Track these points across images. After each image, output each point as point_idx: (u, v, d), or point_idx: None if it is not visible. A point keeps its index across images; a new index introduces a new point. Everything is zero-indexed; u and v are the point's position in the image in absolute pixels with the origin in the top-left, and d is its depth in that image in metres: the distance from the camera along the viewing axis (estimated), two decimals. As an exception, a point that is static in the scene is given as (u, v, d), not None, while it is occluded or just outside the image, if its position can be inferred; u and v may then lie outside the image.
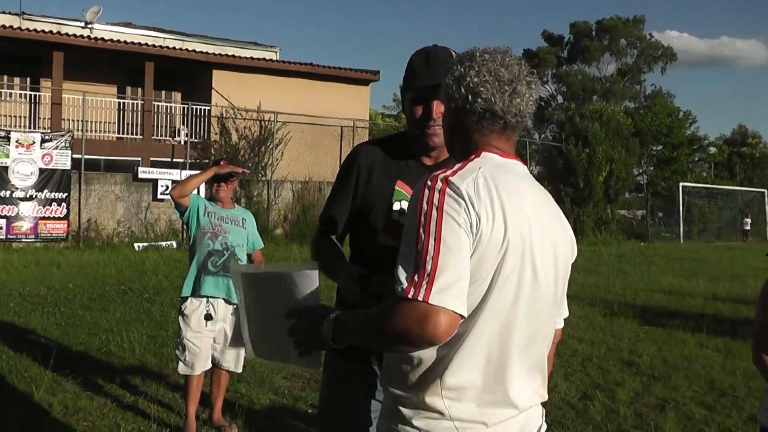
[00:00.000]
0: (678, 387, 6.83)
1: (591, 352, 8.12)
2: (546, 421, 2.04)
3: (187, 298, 5.17)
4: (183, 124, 24.46)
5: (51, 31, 23.09)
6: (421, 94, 2.47)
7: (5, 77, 23.94)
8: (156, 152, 23.40)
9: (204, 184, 5.56)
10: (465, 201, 1.69)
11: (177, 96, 26.40)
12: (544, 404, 2.02)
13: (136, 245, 18.58)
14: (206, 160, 21.78)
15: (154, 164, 22.31)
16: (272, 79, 25.48)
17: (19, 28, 23.03)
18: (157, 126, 24.66)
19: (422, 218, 1.69)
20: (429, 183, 1.74)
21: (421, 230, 1.67)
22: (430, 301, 1.60)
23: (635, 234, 33.80)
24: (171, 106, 25.61)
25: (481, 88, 1.84)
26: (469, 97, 1.85)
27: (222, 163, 5.34)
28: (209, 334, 5.17)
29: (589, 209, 30.67)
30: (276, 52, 31.10)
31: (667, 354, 8.20)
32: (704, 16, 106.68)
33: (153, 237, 19.61)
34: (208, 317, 5.13)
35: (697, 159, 52.51)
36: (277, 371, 6.82)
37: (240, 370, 5.47)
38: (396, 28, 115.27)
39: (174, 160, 22.85)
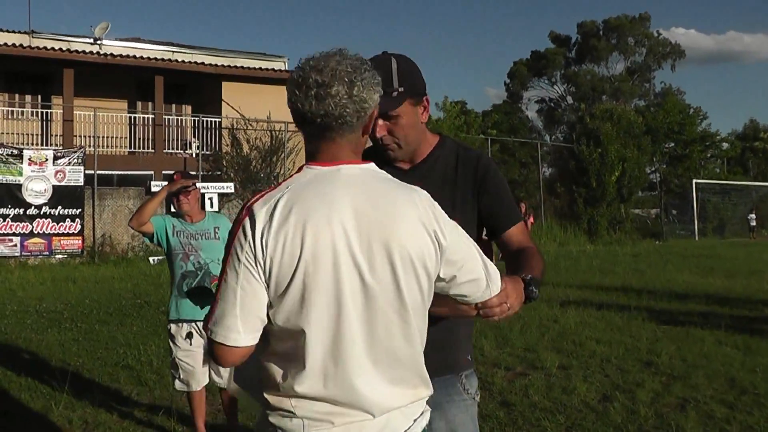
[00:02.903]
0: (698, 386, 6.77)
1: (609, 353, 8.07)
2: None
3: (171, 321, 5.15)
4: (194, 136, 24.57)
5: (60, 49, 23.26)
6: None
7: (17, 96, 24.14)
8: (168, 165, 23.48)
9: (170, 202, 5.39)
10: (254, 229, 1.78)
11: (187, 109, 26.53)
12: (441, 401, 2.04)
13: (151, 259, 18.64)
14: (218, 172, 21.84)
15: (167, 178, 22.33)
16: (281, 89, 25.16)
17: (29, 46, 23.20)
18: (169, 139, 24.78)
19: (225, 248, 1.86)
20: (240, 212, 1.85)
21: (222, 263, 1.86)
22: (210, 336, 1.82)
23: (650, 233, 33.67)
24: (182, 119, 25.72)
25: (292, 96, 1.87)
26: (291, 108, 1.90)
27: (175, 176, 5.19)
28: (199, 349, 5.10)
29: (603, 209, 30.56)
30: (285, 62, 31.17)
31: (686, 353, 8.13)
32: (710, 12, 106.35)
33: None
34: (189, 336, 5.07)
35: (709, 155, 52.14)
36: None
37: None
38: (403, 34, 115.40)
39: (186, 172, 22.90)
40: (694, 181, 37.16)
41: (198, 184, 5.43)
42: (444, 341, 2.46)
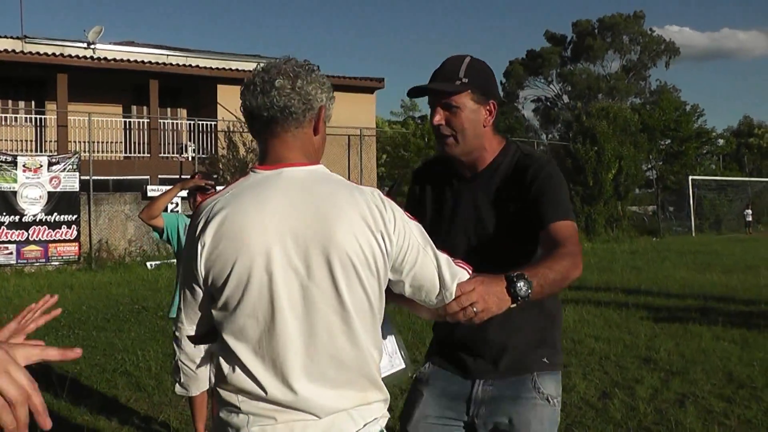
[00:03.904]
0: (696, 381, 6.78)
1: (608, 350, 8.08)
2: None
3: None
4: (190, 140, 24.53)
5: (54, 54, 23.21)
6: (428, 101, 2.51)
7: (10, 102, 24.10)
8: (164, 170, 23.47)
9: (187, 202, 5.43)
10: (196, 229, 1.89)
11: (183, 112, 26.50)
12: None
13: (148, 264, 18.63)
14: (215, 175, 21.81)
15: (163, 182, 22.37)
16: (277, 92, 25.47)
17: (22, 51, 23.14)
18: (164, 143, 24.74)
19: None
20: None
21: None
22: (174, 328, 2.10)
23: (647, 230, 33.70)
24: (177, 123, 25.69)
25: (242, 96, 1.96)
26: (241, 107, 1.96)
27: (197, 176, 5.26)
28: (201, 353, 5.08)
29: (600, 207, 30.57)
30: (279, 65, 31.10)
31: (684, 348, 8.15)
32: (704, 10, 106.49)
33: (165, 254, 19.62)
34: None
35: (705, 152, 52.24)
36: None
37: None
38: (399, 34, 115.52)
39: (183, 176, 22.89)
40: (690, 177, 37.18)
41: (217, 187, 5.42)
42: (513, 343, 2.49)
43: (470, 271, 1.98)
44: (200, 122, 24.15)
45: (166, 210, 5.47)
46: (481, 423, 2.52)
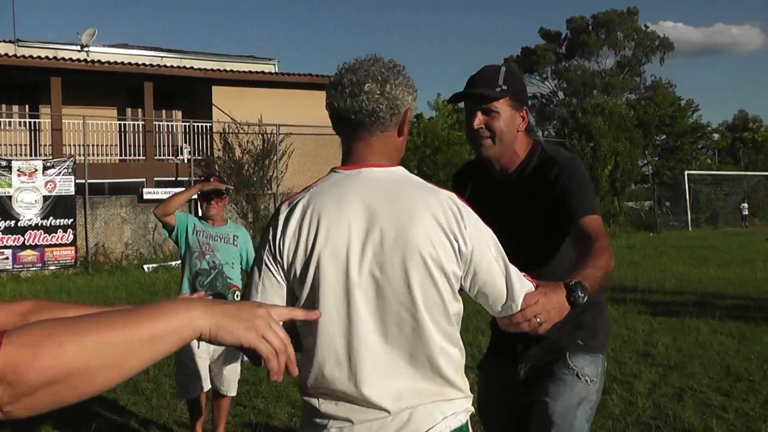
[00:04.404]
0: (694, 375, 6.78)
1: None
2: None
3: None
4: (185, 142, 24.52)
5: (47, 57, 23.19)
6: (466, 106, 2.75)
7: (3, 106, 24.08)
8: (160, 172, 23.45)
9: (197, 204, 5.46)
10: (276, 229, 1.94)
11: (178, 114, 26.50)
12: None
13: (145, 267, 18.59)
14: (212, 177, 21.77)
15: (159, 184, 22.36)
16: (272, 92, 25.52)
17: (15, 55, 23.11)
18: (160, 145, 24.72)
19: None
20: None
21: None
22: None
23: (644, 225, 33.70)
24: (172, 125, 25.67)
25: (329, 96, 2.01)
26: (328, 108, 2.02)
27: (212, 179, 5.28)
28: (205, 355, 5.06)
29: (597, 203, 30.56)
30: (275, 65, 31.17)
31: (682, 343, 8.15)
32: (697, 5, 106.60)
33: (162, 257, 19.61)
34: (200, 338, 5.03)
35: (700, 146, 52.22)
36: (293, 384, 6.79)
37: (233, 394, 5.33)
38: (394, 34, 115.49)
39: (178, 178, 22.89)
40: (686, 172, 37.21)
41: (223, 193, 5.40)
42: (550, 331, 2.52)
43: (534, 285, 2.04)
44: (195, 124, 24.14)
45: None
46: (522, 402, 2.79)
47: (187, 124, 24.41)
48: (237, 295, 5.08)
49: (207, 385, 5.14)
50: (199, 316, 1.19)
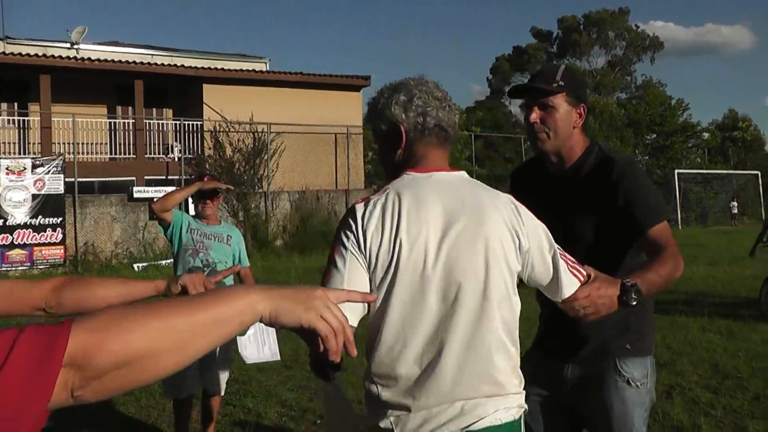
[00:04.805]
0: (683, 372, 6.81)
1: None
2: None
3: None
4: (176, 140, 24.44)
5: (36, 54, 23.07)
6: (525, 102, 2.84)
7: (-7, 104, 23.92)
8: (150, 171, 23.37)
9: (191, 202, 5.44)
10: (356, 223, 2.02)
11: (168, 112, 26.39)
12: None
13: (135, 266, 18.53)
14: (205, 176, 21.71)
15: (149, 183, 22.28)
16: (263, 91, 25.46)
17: (3, 52, 22.98)
18: (150, 144, 24.62)
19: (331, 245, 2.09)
20: (345, 213, 2.10)
21: (328, 256, 2.07)
22: None
23: (634, 224, 33.78)
24: (163, 123, 25.58)
25: (428, 108, 2.13)
26: (421, 118, 2.13)
27: (206, 178, 5.27)
28: None
29: (587, 202, 30.65)
30: (266, 63, 31.11)
31: (671, 340, 8.17)
32: (687, 5, 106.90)
33: (152, 256, 19.54)
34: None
35: (690, 145, 52.41)
36: (282, 383, 6.79)
37: (221, 393, 5.30)
38: (384, 31, 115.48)
39: (169, 177, 22.83)
40: (676, 171, 37.36)
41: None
42: (596, 332, 2.74)
43: (583, 277, 2.22)
44: (186, 122, 24.07)
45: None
46: (569, 402, 2.82)
47: (178, 122, 24.32)
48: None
49: (196, 386, 5.10)
50: (258, 300, 1.23)
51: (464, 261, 2.00)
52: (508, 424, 2.03)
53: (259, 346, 5.09)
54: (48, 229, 18.52)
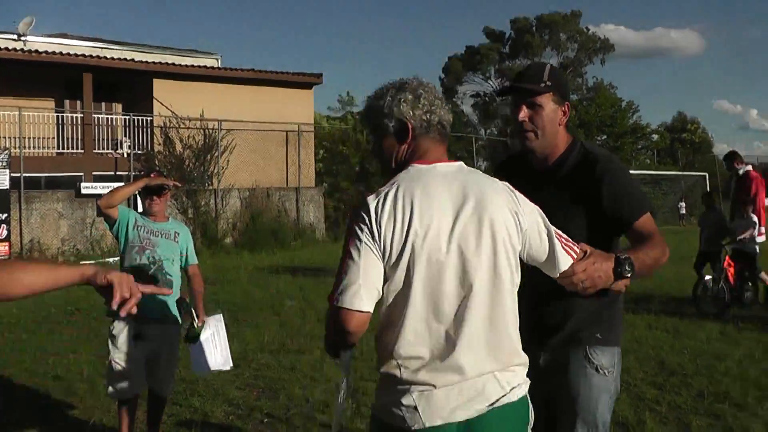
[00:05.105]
0: (629, 369, 6.88)
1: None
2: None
3: (116, 317, 4.92)
4: (125, 135, 24.06)
5: (-18, 47, 22.54)
6: (512, 99, 2.95)
7: (-64, 97, 23.31)
8: (99, 166, 22.99)
9: (138, 199, 5.31)
10: (369, 215, 2.17)
11: (118, 107, 25.97)
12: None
13: (82, 263, 18.15)
14: (152, 173, 21.44)
15: (98, 179, 21.92)
16: (214, 87, 25.21)
17: (-53, 45, 22.43)
18: (99, 139, 24.19)
19: (345, 238, 2.22)
20: (356, 206, 2.24)
21: (343, 249, 2.19)
22: (336, 304, 2.13)
23: (584, 223, 34.20)
24: (112, 118, 25.19)
25: (433, 107, 2.34)
26: (427, 115, 2.33)
27: (153, 174, 5.15)
28: (140, 355, 4.89)
29: (538, 201, 30.93)
30: (217, 59, 30.85)
31: (618, 338, 8.26)
32: (638, 10, 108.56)
33: (100, 253, 19.22)
34: (138, 337, 4.86)
35: (640, 147, 53.31)
36: (230, 382, 6.72)
37: (168, 393, 5.21)
38: (337, 30, 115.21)
39: (118, 173, 22.48)
40: (626, 172, 37.83)
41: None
42: (568, 323, 2.89)
43: (577, 254, 2.41)
44: (136, 117, 23.70)
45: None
46: (541, 388, 2.81)
47: (128, 117, 23.93)
48: (184, 307, 4.93)
49: (141, 386, 5.01)
50: (89, 267, 1.90)
51: (474, 244, 2.18)
52: (522, 398, 2.26)
53: (212, 351, 5.03)
54: (-8, 224, 18.10)
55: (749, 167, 10.72)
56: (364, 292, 2.11)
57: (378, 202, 2.19)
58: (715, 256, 10.54)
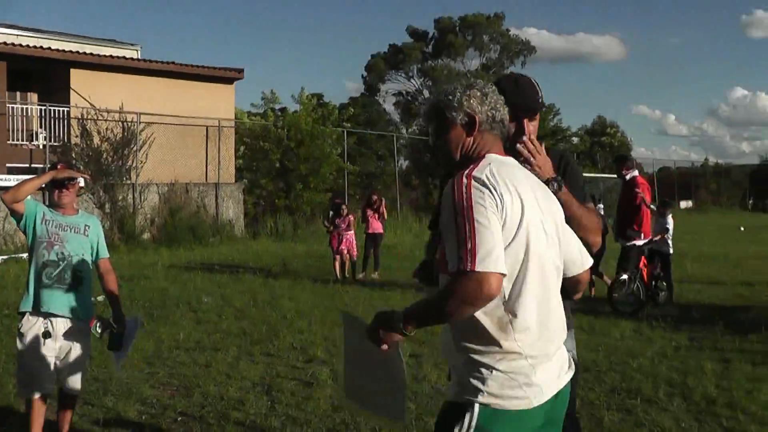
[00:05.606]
0: (545, 367, 7.02)
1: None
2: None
3: (25, 314, 4.79)
4: (41, 126, 23.39)
5: None
6: (512, 113, 2.98)
7: None
8: (13, 158, 22.31)
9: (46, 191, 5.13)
10: (488, 188, 2.26)
11: (33, 97, 25.24)
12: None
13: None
14: (59, 164, 20.90)
15: (11, 171, 21.27)
16: (134, 79, 24.72)
17: None
18: (13, 130, 23.49)
19: (457, 209, 2.23)
20: (456, 181, 2.29)
21: (459, 219, 2.21)
22: (477, 269, 2.13)
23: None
24: (27, 108, 24.46)
25: (498, 105, 2.55)
26: (492, 112, 2.52)
27: (60, 166, 4.94)
28: (50, 353, 4.75)
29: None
30: (137, 51, 30.29)
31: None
32: (561, 14, 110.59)
33: (13, 248, 18.61)
34: (47, 335, 4.73)
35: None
36: (144, 380, 6.60)
37: (79, 393, 5.05)
38: (259, 25, 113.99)
39: (33, 165, 21.86)
40: (545, 173, 38.57)
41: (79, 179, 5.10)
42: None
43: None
44: (52, 108, 23.06)
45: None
46: None
47: (43, 108, 23.25)
48: (98, 328, 4.83)
49: (52, 384, 4.87)
50: None
51: (553, 228, 2.44)
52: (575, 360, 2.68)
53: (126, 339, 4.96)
54: None
55: (635, 173, 11.02)
56: (503, 255, 2.19)
57: (486, 176, 2.29)
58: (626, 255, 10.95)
